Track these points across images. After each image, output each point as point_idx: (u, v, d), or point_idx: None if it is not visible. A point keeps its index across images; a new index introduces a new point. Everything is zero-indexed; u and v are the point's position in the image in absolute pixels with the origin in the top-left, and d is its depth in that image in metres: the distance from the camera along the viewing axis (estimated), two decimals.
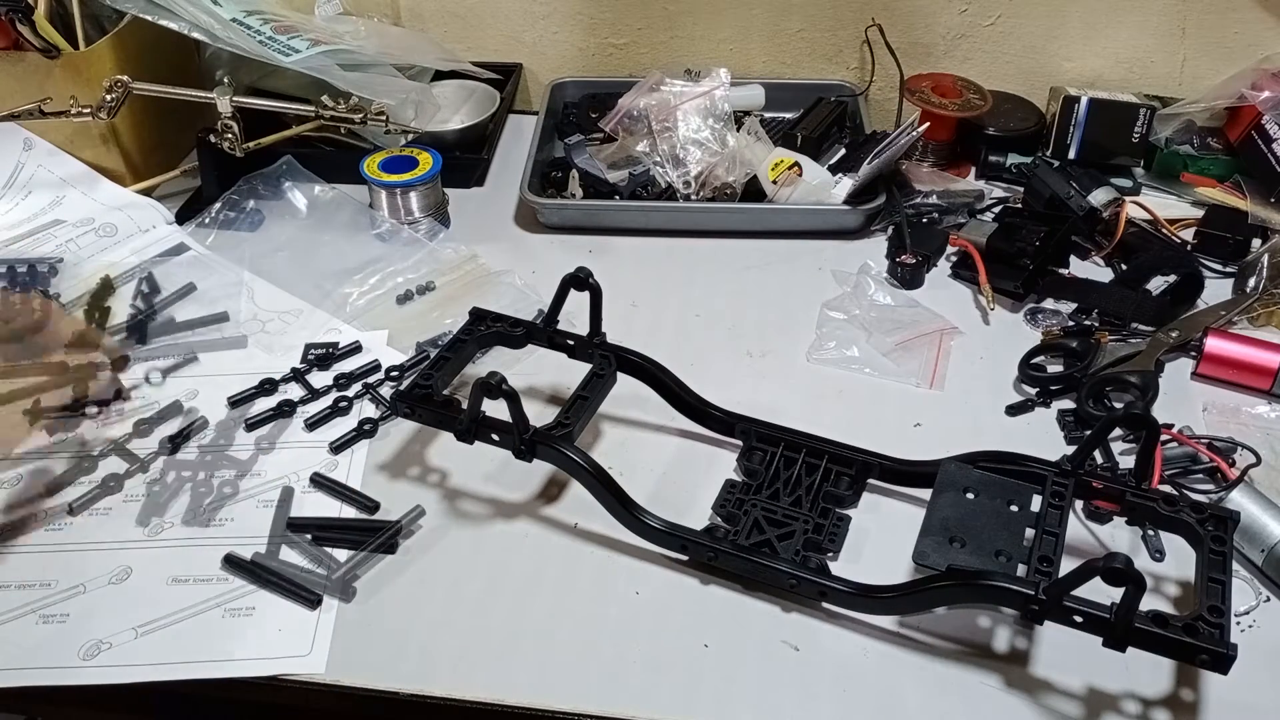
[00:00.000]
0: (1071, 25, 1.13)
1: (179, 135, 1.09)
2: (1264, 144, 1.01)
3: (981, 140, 1.09)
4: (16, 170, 1.04)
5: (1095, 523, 0.73)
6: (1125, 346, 0.86)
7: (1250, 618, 0.67)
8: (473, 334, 0.80)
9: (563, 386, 0.84)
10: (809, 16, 1.17)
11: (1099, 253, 0.98)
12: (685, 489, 0.75)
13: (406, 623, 0.66)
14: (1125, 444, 0.79)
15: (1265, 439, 0.78)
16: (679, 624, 0.66)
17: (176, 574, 0.69)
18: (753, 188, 1.02)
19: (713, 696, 0.62)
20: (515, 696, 0.62)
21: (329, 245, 0.98)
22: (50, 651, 0.64)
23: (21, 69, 0.98)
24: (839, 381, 0.85)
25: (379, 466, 0.77)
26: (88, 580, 0.69)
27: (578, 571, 0.70)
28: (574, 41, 1.22)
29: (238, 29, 1.00)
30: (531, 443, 0.70)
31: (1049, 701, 0.62)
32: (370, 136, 1.09)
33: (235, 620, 0.66)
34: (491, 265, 0.96)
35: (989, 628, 0.66)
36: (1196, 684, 0.63)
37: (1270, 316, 0.89)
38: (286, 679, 0.63)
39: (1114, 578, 0.55)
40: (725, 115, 1.06)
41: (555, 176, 1.05)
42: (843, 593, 0.65)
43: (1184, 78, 1.14)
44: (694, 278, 0.97)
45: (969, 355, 0.88)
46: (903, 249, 0.96)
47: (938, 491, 0.69)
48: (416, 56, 1.11)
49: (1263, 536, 0.68)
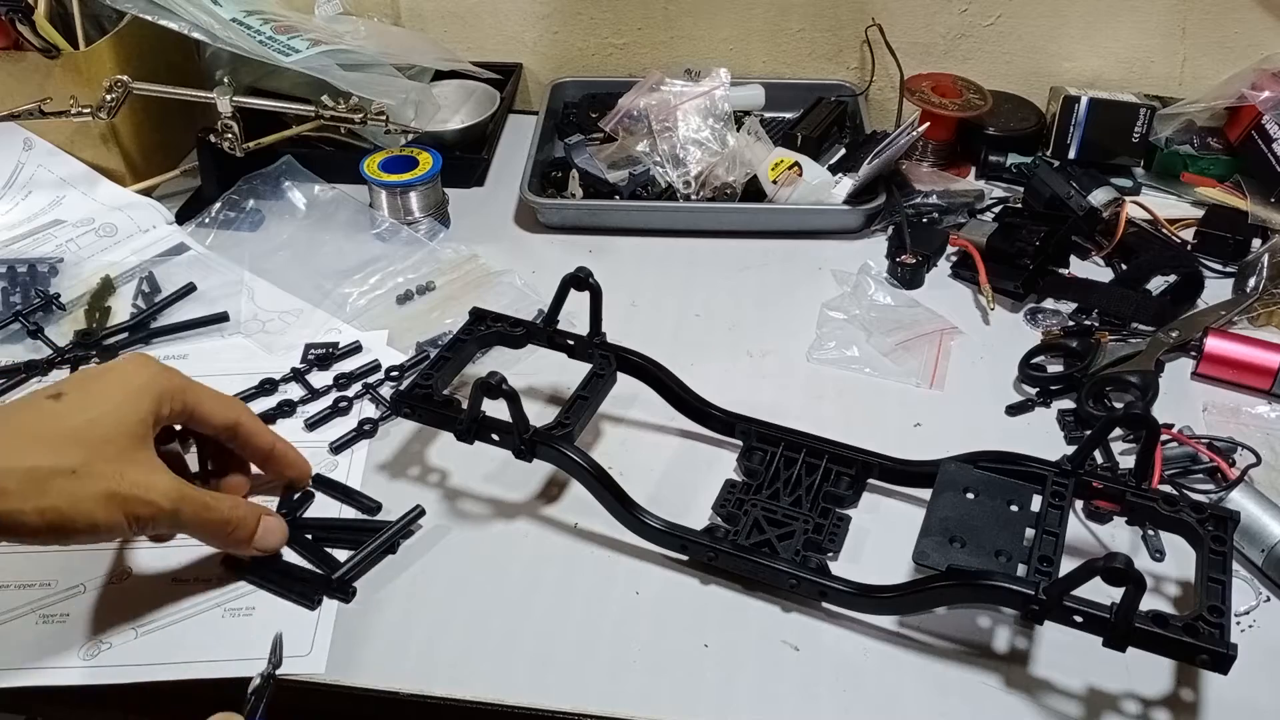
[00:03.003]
0: (1071, 25, 1.13)
1: (179, 135, 1.09)
2: (1264, 144, 1.01)
3: (981, 140, 1.09)
4: (16, 170, 1.04)
5: (1095, 523, 0.73)
6: (1125, 346, 0.86)
7: (1250, 618, 0.67)
8: (473, 334, 0.80)
9: (563, 386, 0.84)
10: (809, 16, 1.17)
11: (1099, 253, 0.98)
12: (685, 489, 0.75)
13: (406, 622, 0.66)
14: (1125, 444, 0.79)
15: (1265, 439, 0.78)
16: (679, 624, 0.66)
17: (177, 574, 0.69)
18: (753, 188, 1.02)
19: (713, 696, 0.62)
20: (515, 696, 0.62)
21: (329, 245, 0.98)
22: (52, 651, 0.64)
23: (21, 69, 0.98)
24: (839, 381, 0.85)
25: (379, 466, 0.77)
26: (88, 580, 0.69)
27: (578, 571, 0.70)
28: (574, 41, 1.22)
29: (238, 29, 1.00)
30: (531, 443, 0.70)
31: (1049, 701, 0.62)
32: (370, 136, 1.09)
33: (236, 620, 0.66)
34: (491, 265, 0.96)
35: (989, 628, 0.66)
36: (1196, 684, 0.63)
37: (1270, 316, 0.89)
38: (287, 679, 0.63)
39: (1114, 578, 0.55)
40: (725, 115, 1.06)
41: (555, 176, 1.05)
42: (843, 593, 0.65)
43: (1184, 78, 1.14)
44: (694, 278, 0.97)
45: (969, 355, 0.88)
46: (903, 249, 0.96)
47: (938, 491, 0.69)
48: (416, 56, 1.11)
49: (1263, 536, 0.68)
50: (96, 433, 0.59)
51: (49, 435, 0.58)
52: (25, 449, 0.57)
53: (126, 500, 0.59)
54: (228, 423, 0.67)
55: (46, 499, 0.56)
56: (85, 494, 0.57)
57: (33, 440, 0.58)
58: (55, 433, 0.59)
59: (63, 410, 0.60)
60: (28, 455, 0.57)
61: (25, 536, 0.57)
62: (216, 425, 0.67)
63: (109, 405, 0.61)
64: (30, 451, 0.57)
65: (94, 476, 0.58)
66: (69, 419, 0.59)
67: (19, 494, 0.56)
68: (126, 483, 0.59)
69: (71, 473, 0.57)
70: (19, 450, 0.57)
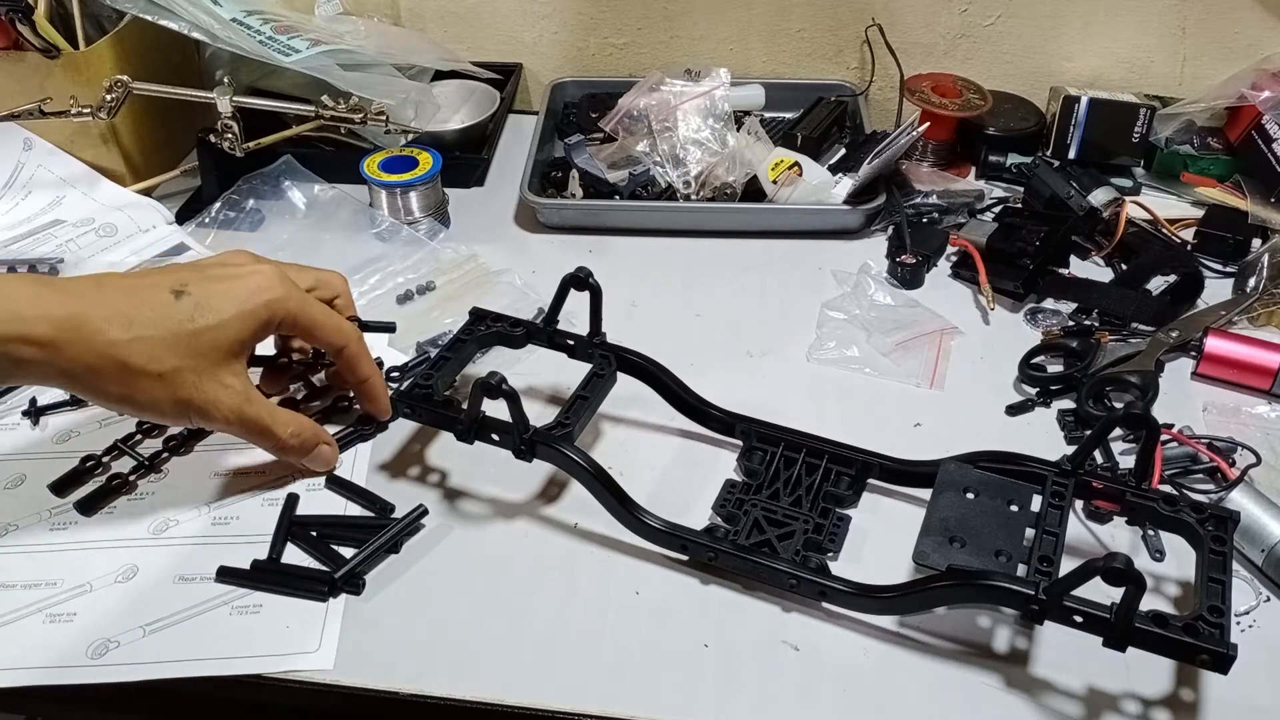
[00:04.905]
0: (1071, 25, 1.13)
1: (179, 135, 1.09)
2: (1264, 144, 1.01)
3: (981, 140, 1.09)
4: (16, 170, 1.04)
5: (1095, 523, 0.73)
6: (1125, 346, 0.86)
7: (1250, 618, 0.67)
8: (473, 334, 0.80)
9: (563, 386, 0.84)
10: (809, 16, 1.17)
11: (1099, 253, 0.98)
12: (685, 489, 0.75)
13: (406, 622, 0.66)
14: (1125, 444, 0.79)
15: (1265, 439, 0.78)
16: (679, 624, 0.66)
17: (183, 572, 0.69)
18: (753, 188, 1.02)
19: (713, 696, 0.62)
20: (515, 696, 0.62)
21: (329, 245, 0.98)
22: (59, 650, 0.64)
23: (21, 69, 0.98)
24: (839, 381, 0.85)
25: (379, 466, 0.77)
26: (94, 579, 0.69)
27: (578, 571, 0.70)
28: (574, 41, 1.22)
29: (238, 29, 1.00)
30: (531, 443, 0.70)
31: (1049, 701, 0.62)
32: (370, 136, 1.09)
33: (243, 617, 0.66)
34: (491, 265, 0.96)
35: (989, 628, 0.66)
36: (1196, 684, 0.63)
37: (1270, 316, 0.89)
38: (291, 678, 0.63)
39: (1114, 578, 0.55)
40: (725, 115, 1.06)
41: (555, 176, 1.05)
42: (843, 592, 0.65)
43: (1184, 78, 1.14)
44: (694, 278, 0.97)
45: (969, 355, 0.88)
46: (903, 249, 0.96)
47: (938, 491, 0.69)
48: (416, 56, 1.11)
49: (1263, 536, 0.68)
50: (197, 348, 0.65)
51: (153, 333, 0.64)
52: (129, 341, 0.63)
53: (195, 405, 0.66)
54: (336, 346, 0.74)
55: (129, 389, 0.64)
56: (162, 396, 0.65)
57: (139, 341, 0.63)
58: (160, 333, 0.64)
59: (176, 312, 0.65)
60: (128, 348, 0.63)
61: (102, 400, 0.66)
62: (326, 345, 0.74)
63: (219, 319, 0.66)
64: (132, 346, 0.63)
65: (174, 385, 0.65)
66: (179, 323, 0.65)
67: (110, 377, 0.63)
68: (200, 395, 0.66)
69: (159, 376, 0.64)
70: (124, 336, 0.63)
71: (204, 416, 0.67)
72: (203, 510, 0.73)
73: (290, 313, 0.69)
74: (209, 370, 0.66)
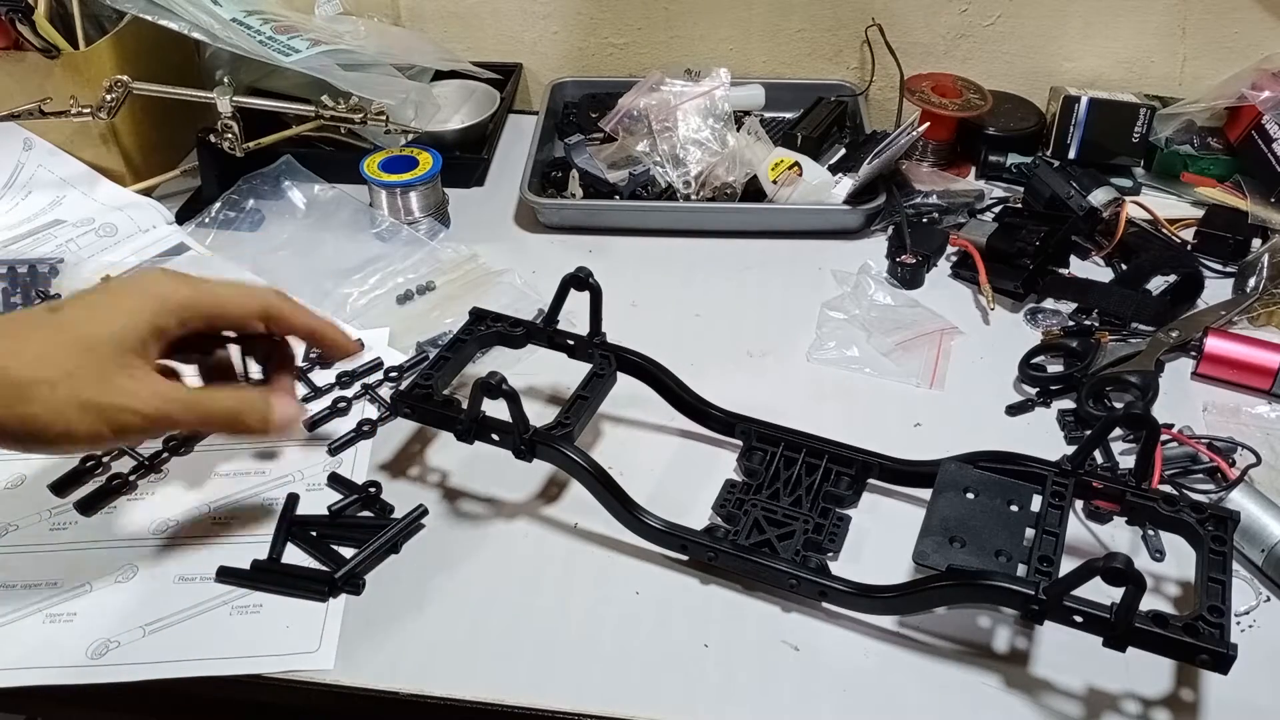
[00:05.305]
0: (1071, 25, 1.13)
1: (179, 135, 1.09)
2: (1264, 144, 1.01)
3: (981, 140, 1.09)
4: (16, 170, 1.04)
5: (1095, 523, 0.73)
6: (1125, 346, 0.86)
7: (1250, 618, 0.67)
8: (473, 334, 0.80)
9: (563, 386, 0.84)
10: (809, 16, 1.17)
11: (1099, 253, 0.98)
12: (685, 489, 0.75)
13: (406, 622, 0.66)
14: (1125, 444, 0.79)
15: (1265, 439, 0.78)
16: (679, 624, 0.66)
17: (183, 572, 0.69)
18: (753, 188, 1.02)
19: (713, 696, 0.62)
20: (515, 696, 0.62)
21: (329, 245, 0.98)
22: (59, 650, 0.64)
23: (21, 69, 0.98)
24: (839, 381, 0.85)
25: (379, 467, 0.77)
26: (94, 579, 0.69)
27: (578, 571, 0.70)
28: (574, 41, 1.22)
29: (238, 29, 1.00)
30: (531, 443, 0.70)
31: (1049, 701, 0.62)
32: (370, 136, 1.09)
33: (243, 617, 0.66)
34: (491, 265, 0.96)
35: (989, 628, 0.66)
36: (1196, 684, 0.63)
37: (1270, 316, 0.89)
38: (291, 678, 0.63)
39: (1114, 578, 0.55)
40: (725, 115, 1.06)
41: (555, 176, 1.05)
42: (843, 592, 0.65)
43: (1184, 78, 1.14)
44: (694, 278, 0.97)
45: (969, 355, 0.88)
46: (903, 249, 0.96)
47: (938, 491, 0.69)
48: (416, 56, 1.11)
49: (1263, 536, 0.68)
50: (86, 345, 0.59)
51: (38, 346, 0.59)
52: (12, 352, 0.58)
53: (105, 409, 0.59)
54: (254, 312, 0.65)
55: (27, 406, 0.57)
56: (64, 403, 0.58)
57: (21, 350, 0.58)
58: (45, 343, 0.59)
59: (58, 322, 0.60)
60: (13, 359, 0.58)
61: (7, 441, 0.58)
62: (244, 317, 0.65)
63: (104, 318, 0.60)
64: (16, 361, 0.58)
65: (74, 387, 0.58)
66: (63, 331, 0.60)
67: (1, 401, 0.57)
68: (107, 392, 0.59)
69: (52, 384, 0.58)
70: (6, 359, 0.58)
71: (122, 414, 0.59)
72: (203, 510, 0.73)
73: (187, 297, 0.62)
74: (110, 369, 0.59)
